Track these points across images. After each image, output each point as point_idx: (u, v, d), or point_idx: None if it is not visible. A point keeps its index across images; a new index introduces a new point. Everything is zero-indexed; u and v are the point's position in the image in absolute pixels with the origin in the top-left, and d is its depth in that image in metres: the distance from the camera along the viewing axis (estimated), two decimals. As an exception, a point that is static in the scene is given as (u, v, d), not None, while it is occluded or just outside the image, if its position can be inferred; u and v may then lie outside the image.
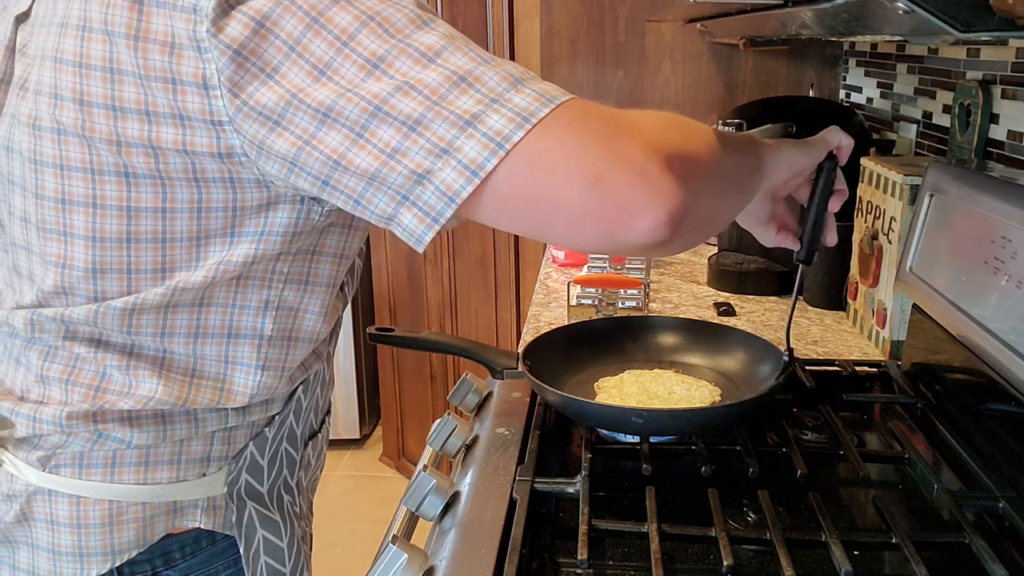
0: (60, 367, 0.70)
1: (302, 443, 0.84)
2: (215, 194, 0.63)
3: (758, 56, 1.99)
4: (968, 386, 0.95)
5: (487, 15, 2.25)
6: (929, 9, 0.60)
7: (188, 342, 0.69)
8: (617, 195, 0.54)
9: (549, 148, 0.55)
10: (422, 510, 0.84)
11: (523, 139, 0.54)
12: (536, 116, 0.55)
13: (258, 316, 0.70)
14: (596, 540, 0.77)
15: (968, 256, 0.94)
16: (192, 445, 0.73)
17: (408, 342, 1.14)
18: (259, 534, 0.78)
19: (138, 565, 0.74)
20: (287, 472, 0.83)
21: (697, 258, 1.84)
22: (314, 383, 0.83)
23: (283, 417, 0.79)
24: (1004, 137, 1.22)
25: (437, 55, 0.56)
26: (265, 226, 0.66)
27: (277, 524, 0.80)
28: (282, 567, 0.81)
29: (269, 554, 0.79)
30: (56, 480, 0.71)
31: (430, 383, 2.81)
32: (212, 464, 0.74)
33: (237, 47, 0.57)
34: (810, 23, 0.94)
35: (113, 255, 0.65)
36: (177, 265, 0.66)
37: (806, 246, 0.89)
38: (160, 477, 0.72)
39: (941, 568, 0.74)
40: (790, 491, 0.86)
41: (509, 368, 1.05)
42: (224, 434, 0.75)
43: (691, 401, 0.99)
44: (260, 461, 0.78)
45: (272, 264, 0.69)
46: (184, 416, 0.71)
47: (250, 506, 0.77)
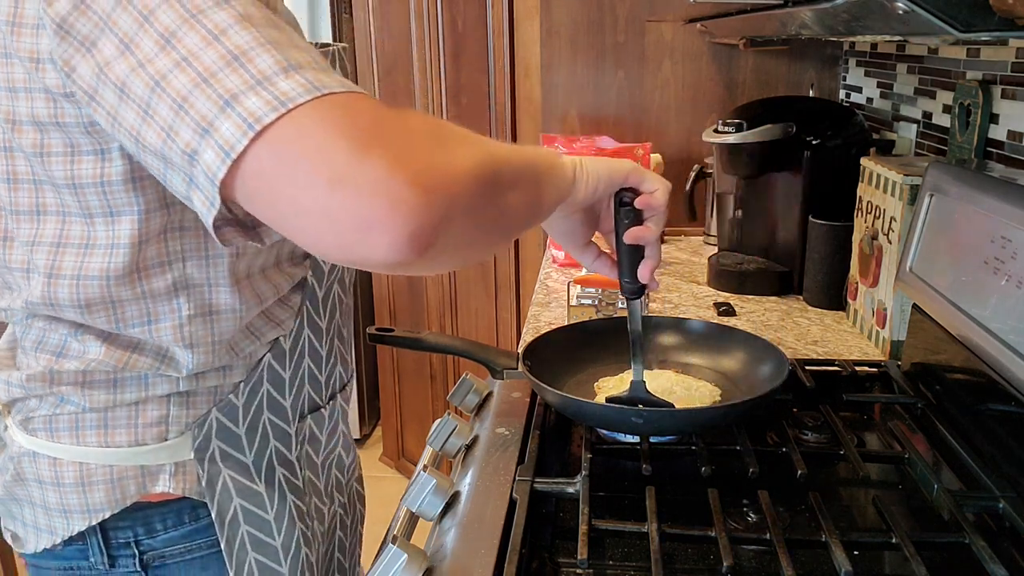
0: (32, 339, 0.75)
1: (295, 416, 0.85)
2: (86, 168, 0.66)
3: (758, 56, 1.99)
4: (968, 386, 0.95)
5: (487, 15, 2.25)
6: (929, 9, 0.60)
7: (115, 329, 0.72)
8: (355, 206, 0.49)
9: (297, 138, 0.50)
10: (422, 510, 0.84)
11: (274, 123, 0.50)
12: (294, 102, 0.51)
13: (171, 299, 0.72)
14: (596, 540, 0.77)
15: (968, 256, 0.94)
16: (147, 409, 0.75)
17: (408, 342, 1.14)
18: (235, 503, 0.79)
19: (120, 532, 0.77)
20: (278, 444, 0.83)
21: (697, 258, 1.84)
22: (296, 354, 0.83)
23: (252, 386, 0.80)
24: (1004, 137, 1.22)
25: (223, 33, 0.54)
26: (137, 202, 0.67)
27: (260, 496, 0.81)
28: (269, 539, 0.82)
29: (250, 523, 0.80)
30: (36, 442, 0.76)
31: (430, 383, 2.81)
32: (172, 429, 0.76)
33: (59, 21, 0.58)
34: (810, 23, 0.94)
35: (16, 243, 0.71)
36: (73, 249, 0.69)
37: (621, 279, 0.87)
38: (120, 440, 0.75)
39: (941, 568, 0.74)
40: (790, 491, 0.86)
41: (509, 368, 1.05)
42: (180, 399, 0.76)
43: (691, 401, 0.99)
44: (235, 430, 0.79)
45: (164, 245, 0.70)
46: (134, 380, 0.75)
47: (225, 474, 0.79)
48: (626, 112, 2.04)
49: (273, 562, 0.83)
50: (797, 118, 1.54)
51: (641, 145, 1.75)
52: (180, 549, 0.79)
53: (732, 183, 1.73)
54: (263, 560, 0.82)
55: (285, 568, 0.84)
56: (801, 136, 1.52)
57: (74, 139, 0.64)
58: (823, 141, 1.50)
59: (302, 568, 0.85)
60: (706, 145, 1.72)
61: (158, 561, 0.79)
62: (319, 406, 0.89)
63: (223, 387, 0.78)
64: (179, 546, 0.79)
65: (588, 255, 0.89)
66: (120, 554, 0.78)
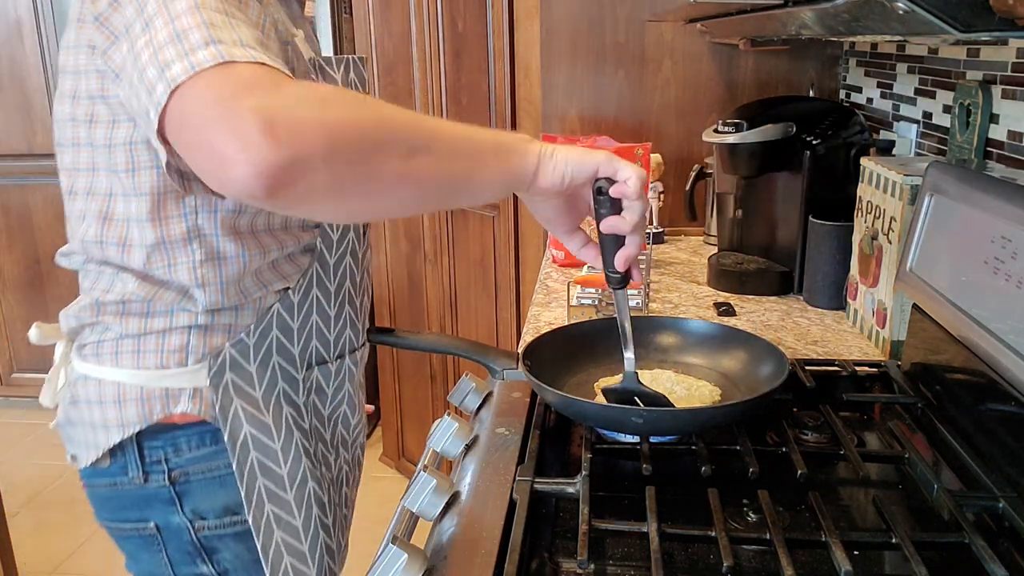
0: (87, 278, 0.92)
1: (303, 364, 0.98)
2: (121, 133, 0.83)
3: (758, 56, 1.99)
4: (968, 386, 0.95)
5: (487, 15, 2.25)
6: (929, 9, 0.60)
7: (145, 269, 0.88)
8: (221, 145, 0.62)
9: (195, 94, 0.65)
10: (422, 510, 0.84)
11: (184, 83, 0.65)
12: (201, 66, 0.65)
13: (186, 245, 0.87)
14: (596, 540, 0.77)
15: (968, 256, 0.94)
16: (171, 337, 0.90)
17: (408, 342, 1.14)
18: (246, 429, 0.91)
19: (153, 451, 0.91)
20: (286, 387, 0.96)
21: (697, 258, 1.84)
22: (304, 308, 0.96)
23: (262, 330, 0.93)
24: (1004, 137, 1.22)
25: (176, 17, 0.69)
26: (156, 160, 0.82)
27: (268, 427, 0.93)
28: (276, 467, 0.93)
29: (259, 450, 0.92)
30: (86, 367, 0.92)
31: (430, 383, 2.81)
32: (191, 356, 0.90)
33: (97, 15, 0.78)
34: (810, 23, 0.94)
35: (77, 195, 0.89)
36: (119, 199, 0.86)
37: (605, 269, 0.88)
38: (149, 363, 0.89)
39: (941, 568, 0.74)
40: (790, 491, 0.86)
41: (509, 368, 1.05)
42: (199, 331, 0.90)
43: (691, 401, 0.99)
44: (247, 366, 0.92)
45: (180, 201, 0.86)
46: (161, 312, 0.89)
47: (237, 403, 0.91)
48: (626, 112, 2.04)
49: (280, 489, 0.93)
50: (797, 118, 1.54)
51: (641, 145, 1.75)
52: (202, 468, 0.92)
53: (732, 183, 1.73)
54: (271, 486, 0.93)
55: (290, 496, 0.94)
56: (801, 136, 1.52)
57: (115, 110, 0.82)
58: (823, 141, 1.50)
59: (307, 500, 0.95)
60: (706, 145, 1.72)
61: (183, 478, 0.91)
62: (326, 360, 1.01)
63: (236, 327, 0.92)
64: (201, 465, 0.92)
65: (575, 242, 0.92)
66: (152, 470, 0.91)
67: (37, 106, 3.20)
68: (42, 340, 0.99)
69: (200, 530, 0.93)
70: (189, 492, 0.92)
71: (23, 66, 3.17)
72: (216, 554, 0.94)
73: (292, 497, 0.94)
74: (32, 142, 3.24)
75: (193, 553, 0.94)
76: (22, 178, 3.28)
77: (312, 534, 0.96)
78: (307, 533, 0.96)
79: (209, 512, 0.93)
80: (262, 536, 0.92)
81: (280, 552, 0.94)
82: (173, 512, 0.92)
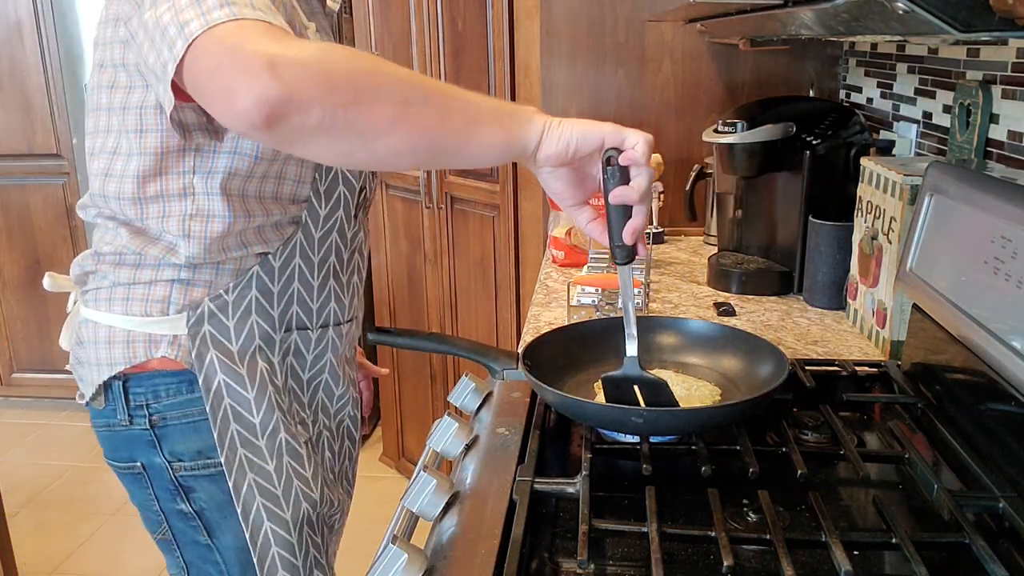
0: (95, 230, 1.03)
1: (281, 326, 1.04)
2: (135, 98, 0.93)
3: (758, 56, 1.99)
4: (968, 386, 0.95)
5: (487, 15, 2.25)
6: (929, 9, 0.60)
7: (139, 222, 0.98)
8: (229, 79, 0.71)
9: (211, 44, 0.73)
10: (422, 510, 0.84)
11: (200, 36, 0.73)
12: (217, 22, 0.73)
13: (180, 200, 0.96)
14: (596, 540, 0.77)
15: (968, 256, 0.94)
16: (156, 288, 0.99)
17: (408, 342, 1.14)
18: (220, 377, 0.99)
19: (137, 396, 1.00)
20: (263, 344, 1.03)
21: (697, 258, 1.84)
22: (285, 275, 1.03)
23: (241, 290, 1.00)
24: (1004, 137, 1.22)
25: None
26: (161, 123, 0.92)
27: (242, 377, 1.00)
28: (248, 415, 1.00)
29: (232, 398, 0.99)
30: (86, 311, 1.02)
31: (430, 383, 2.81)
32: (172, 307, 0.98)
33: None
34: (810, 23, 0.94)
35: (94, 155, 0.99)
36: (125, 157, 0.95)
37: (611, 244, 0.88)
38: (135, 310, 0.99)
39: (941, 568, 0.74)
40: (790, 491, 0.86)
41: (509, 368, 1.05)
42: (180, 285, 0.99)
43: (691, 401, 0.99)
44: (225, 320, 1.00)
45: (180, 160, 0.94)
46: (149, 264, 0.99)
47: (213, 352, 0.99)
48: (626, 112, 2.04)
49: (252, 435, 1.00)
50: (797, 118, 1.54)
51: (641, 145, 1.75)
52: (178, 414, 1.00)
53: (732, 183, 1.73)
54: (243, 432, 1.00)
55: (262, 443, 1.00)
56: (801, 136, 1.52)
57: (132, 76, 0.91)
58: (823, 141, 1.50)
59: (279, 448, 1.01)
60: (706, 145, 1.72)
61: (162, 422, 1.00)
62: (307, 327, 1.07)
63: (216, 283, 1.00)
64: (177, 411, 1.00)
65: (583, 216, 0.91)
66: (136, 414, 1.00)
67: (37, 106, 3.20)
68: (54, 288, 1.11)
69: (178, 470, 1.02)
70: (167, 435, 1.01)
71: (23, 66, 3.17)
72: (192, 493, 1.03)
73: (264, 444, 1.01)
74: (32, 142, 3.24)
75: (173, 491, 1.03)
76: (22, 178, 3.28)
77: (286, 480, 1.02)
78: (280, 478, 1.01)
79: (185, 454, 1.01)
80: (234, 476, 0.99)
81: (252, 492, 1.00)
82: (155, 453, 1.02)
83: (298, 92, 0.70)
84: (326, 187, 1.04)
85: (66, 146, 3.14)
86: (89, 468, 3.04)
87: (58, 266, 3.34)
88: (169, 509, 1.04)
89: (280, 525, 1.01)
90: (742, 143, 1.55)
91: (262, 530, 1.01)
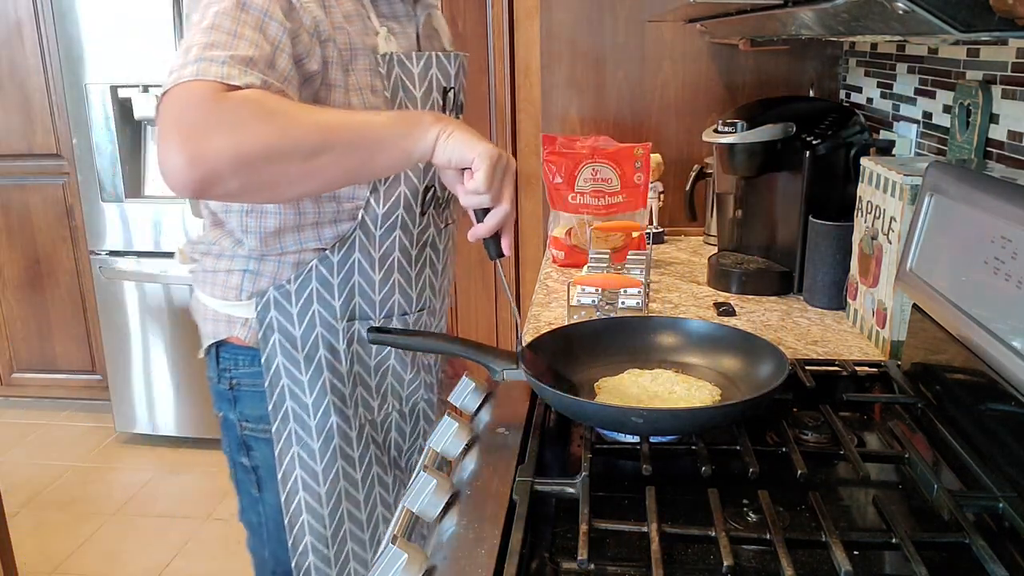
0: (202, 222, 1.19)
1: (343, 316, 1.14)
2: None
3: (758, 56, 1.99)
4: (968, 386, 0.95)
5: (487, 15, 2.25)
6: (929, 9, 0.60)
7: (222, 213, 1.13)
8: (165, 150, 0.84)
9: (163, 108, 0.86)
10: (422, 510, 0.84)
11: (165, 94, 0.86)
12: (177, 83, 0.86)
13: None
14: (596, 540, 0.77)
15: (968, 256, 0.94)
16: (232, 277, 1.13)
17: (408, 342, 1.14)
18: (279, 360, 1.12)
19: (224, 361, 1.17)
20: (324, 332, 1.14)
21: (697, 258, 1.84)
22: (344, 268, 1.12)
23: (302, 281, 1.11)
24: (1004, 137, 1.22)
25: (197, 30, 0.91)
26: None
27: (299, 362, 1.13)
28: (302, 395, 1.13)
29: (289, 379, 1.13)
30: (195, 289, 1.20)
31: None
32: (244, 294, 1.13)
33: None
34: (810, 23, 0.94)
35: None
36: None
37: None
38: (217, 294, 1.15)
39: (941, 568, 0.74)
40: (790, 491, 0.86)
41: (509, 368, 1.05)
42: (250, 275, 1.12)
43: (691, 401, 0.99)
44: (288, 308, 1.12)
45: None
46: (226, 255, 1.14)
47: (277, 336, 1.12)
48: (626, 112, 2.04)
49: (304, 413, 1.13)
50: (797, 118, 1.54)
51: (641, 145, 1.75)
52: (249, 382, 1.16)
53: (732, 183, 1.73)
54: (296, 410, 1.13)
55: (312, 422, 1.13)
56: (801, 136, 1.52)
57: None
58: (823, 141, 1.50)
59: (329, 430, 1.14)
60: (706, 145, 1.72)
61: (238, 386, 1.17)
62: (369, 317, 1.16)
63: (279, 275, 1.12)
64: (249, 380, 1.16)
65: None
66: (223, 375, 1.18)
67: (37, 106, 3.20)
68: (182, 262, 1.25)
69: (244, 429, 1.18)
70: (240, 398, 1.17)
71: (23, 66, 3.17)
72: (252, 451, 1.19)
73: (314, 424, 1.13)
74: (32, 142, 3.24)
75: (239, 446, 1.20)
76: (22, 178, 3.28)
77: (329, 458, 1.15)
78: (323, 456, 1.14)
79: (250, 417, 1.17)
80: (281, 445, 1.14)
81: (294, 464, 1.14)
82: (231, 410, 1.19)
83: (211, 174, 0.84)
84: (386, 188, 1.11)
85: (66, 146, 3.14)
86: (89, 468, 3.04)
87: (58, 266, 3.35)
88: (236, 459, 1.22)
89: (314, 497, 1.15)
90: (742, 143, 1.55)
91: (297, 498, 1.15)
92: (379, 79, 1.07)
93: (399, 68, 1.09)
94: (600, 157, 1.73)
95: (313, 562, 1.17)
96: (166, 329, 3.06)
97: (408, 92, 1.11)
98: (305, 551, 1.16)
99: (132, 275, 3.03)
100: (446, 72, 1.15)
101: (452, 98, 1.18)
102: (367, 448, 1.18)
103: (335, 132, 0.90)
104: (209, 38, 0.89)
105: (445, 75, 1.15)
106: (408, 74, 1.10)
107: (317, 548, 1.16)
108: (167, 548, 2.54)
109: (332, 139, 0.89)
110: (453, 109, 1.18)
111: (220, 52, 0.88)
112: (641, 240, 1.77)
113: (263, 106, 0.86)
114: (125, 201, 2.99)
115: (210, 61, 0.86)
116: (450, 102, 1.17)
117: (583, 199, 1.75)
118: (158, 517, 2.72)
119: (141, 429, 3.19)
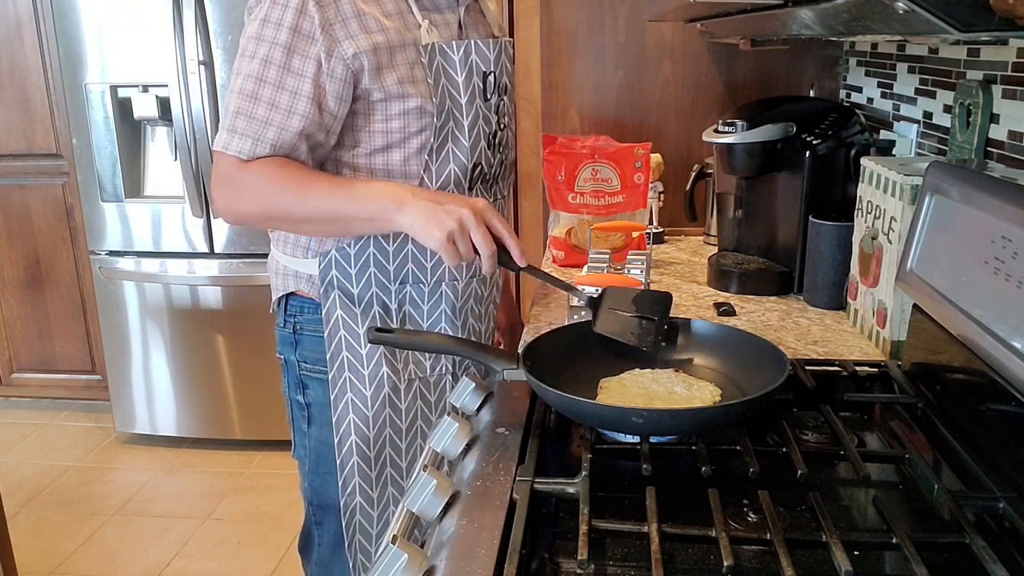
0: None
1: (396, 279, 1.27)
2: None
3: (758, 56, 1.99)
4: (968, 386, 0.95)
5: (487, 15, 2.25)
6: (929, 9, 0.60)
7: None
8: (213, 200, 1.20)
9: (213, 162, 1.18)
10: (422, 510, 0.84)
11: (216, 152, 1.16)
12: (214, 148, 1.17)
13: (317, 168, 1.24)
14: (596, 540, 0.77)
15: (968, 256, 0.94)
16: (300, 237, 1.29)
17: (408, 342, 1.14)
18: (338, 312, 1.26)
19: (291, 308, 1.32)
20: (379, 291, 1.27)
21: (697, 258, 1.84)
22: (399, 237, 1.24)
23: (360, 245, 1.25)
24: (1004, 137, 1.22)
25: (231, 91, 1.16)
26: None
27: (356, 315, 1.26)
28: (357, 346, 1.27)
29: (346, 330, 1.27)
30: (272, 247, 1.36)
31: (430, 383, 2.81)
32: (310, 252, 1.28)
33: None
34: (810, 23, 0.94)
35: None
36: None
37: None
38: (287, 252, 1.31)
39: (941, 568, 0.74)
40: (790, 491, 0.86)
41: (509, 368, 1.05)
42: (316, 237, 1.26)
43: (691, 401, 0.99)
44: (348, 268, 1.26)
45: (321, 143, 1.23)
46: None
47: (336, 293, 1.26)
48: (626, 112, 2.04)
49: (358, 363, 1.27)
50: (797, 118, 1.54)
51: (641, 145, 1.75)
52: (310, 328, 1.30)
53: (732, 183, 1.73)
54: (351, 359, 1.27)
55: (366, 372, 1.27)
56: (801, 136, 1.52)
57: None
58: (823, 141, 1.50)
59: (380, 380, 1.27)
60: (706, 145, 1.72)
61: (300, 330, 1.32)
62: (421, 281, 1.29)
63: (342, 238, 1.25)
64: (311, 326, 1.30)
65: None
66: (288, 321, 1.33)
67: (37, 106, 3.20)
68: None
69: (302, 369, 1.32)
70: (301, 341, 1.32)
71: (23, 66, 3.17)
72: (307, 389, 1.33)
73: (368, 373, 1.27)
74: (32, 142, 3.24)
75: (296, 384, 1.34)
76: (22, 178, 3.27)
77: (378, 406, 1.27)
78: (374, 403, 1.27)
79: (309, 358, 1.31)
80: (336, 390, 1.28)
81: (347, 409, 1.28)
82: (292, 352, 1.33)
83: (241, 220, 1.25)
84: (437, 165, 1.23)
85: (66, 146, 3.13)
86: (89, 468, 3.04)
87: (58, 266, 3.35)
88: (292, 397, 1.36)
89: (363, 440, 1.28)
90: (742, 143, 1.55)
91: (348, 440, 1.28)
92: (420, 68, 1.18)
93: (440, 57, 1.20)
94: (600, 157, 1.73)
95: (360, 502, 1.30)
96: (166, 329, 3.06)
97: (450, 78, 1.22)
98: (353, 491, 1.30)
99: (132, 275, 3.03)
100: (485, 57, 1.24)
101: (493, 81, 1.27)
102: (414, 401, 1.31)
103: (318, 208, 1.14)
104: (235, 105, 1.13)
105: (484, 60, 1.24)
106: (449, 62, 1.21)
107: (364, 489, 1.30)
108: (167, 548, 2.54)
109: (311, 215, 1.16)
110: (495, 91, 1.28)
111: (243, 122, 1.13)
112: (641, 240, 1.77)
113: (273, 180, 1.14)
114: (125, 201, 2.98)
115: (231, 133, 1.14)
116: (491, 85, 1.27)
117: (583, 199, 1.75)
118: (158, 517, 2.72)
119: (141, 429, 3.18)
